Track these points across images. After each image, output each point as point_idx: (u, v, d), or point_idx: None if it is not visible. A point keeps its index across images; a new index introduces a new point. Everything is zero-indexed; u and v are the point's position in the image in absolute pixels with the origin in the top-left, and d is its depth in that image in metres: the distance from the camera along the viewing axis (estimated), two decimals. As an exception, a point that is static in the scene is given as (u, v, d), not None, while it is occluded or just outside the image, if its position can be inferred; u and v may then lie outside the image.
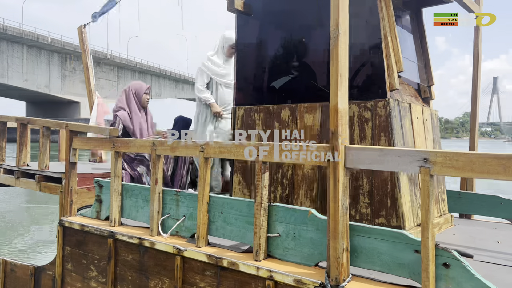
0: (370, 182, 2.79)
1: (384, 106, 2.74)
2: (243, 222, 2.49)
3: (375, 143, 2.78)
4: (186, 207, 2.78)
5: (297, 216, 2.26)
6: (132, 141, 3.00)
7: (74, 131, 3.40)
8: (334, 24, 1.99)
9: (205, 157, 2.59)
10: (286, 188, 3.17)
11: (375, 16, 2.82)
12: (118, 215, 3.13)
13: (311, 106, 3.06)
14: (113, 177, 3.10)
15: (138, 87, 4.01)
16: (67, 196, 3.40)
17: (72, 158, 3.40)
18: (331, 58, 2.01)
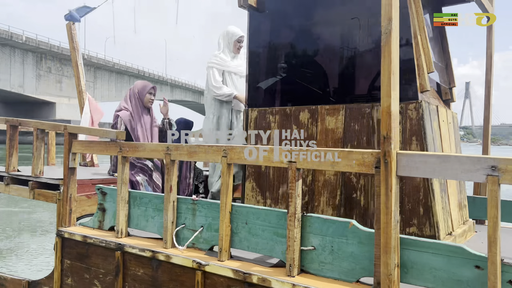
0: (400, 188, 2.63)
1: (416, 109, 2.59)
2: (271, 233, 2.29)
3: (406, 147, 2.62)
4: (204, 217, 2.56)
5: (336, 228, 2.08)
6: (142, 145, 2.76)
7: (73, 133, 3.13)
8: (386, 19, 1.81)
9: (229, 162, 2.38)
10: (305, 195, 2.99)
11: (404, 13, 2.66)
12: (125, 225, 2.89)
13: (334, 108, 2.89)
14: (120, 184, 2.85)
15: (141, 86, 3.77)
16: (66, 205, 3.13)
17: (72, 163, 3.13)
18: (383, 55, 1.83)
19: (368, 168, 1.91)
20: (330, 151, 2.02)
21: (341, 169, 1.99)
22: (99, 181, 3.48)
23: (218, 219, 2.49)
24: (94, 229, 3.09)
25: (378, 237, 1.87)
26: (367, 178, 2.75)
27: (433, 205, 2.52)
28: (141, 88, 3.74)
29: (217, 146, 2.42)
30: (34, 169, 3.44)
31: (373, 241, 1.95)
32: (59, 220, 3.20)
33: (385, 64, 1.82)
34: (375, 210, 1.88)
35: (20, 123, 3.59)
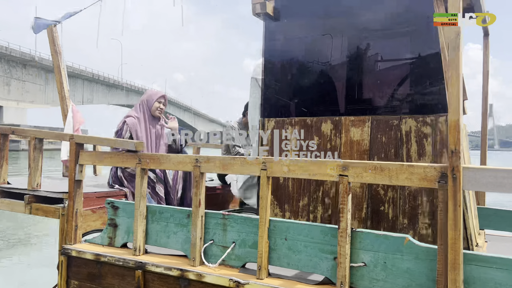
0: (430, 201, 2.63)
1: (446, 121, 2.60)
2: (315, 250, 2.20)
3: (436, 160, 2.62)
4: (237, 232, 2.44)
5: (389, 244, 2.03)
6: (166, 156, 2.60)
7: (80, 143, 2.92)
8: (453, 33, 1.79)
9: (269, 176, 2.28)
10: (328, 207, 2.93)
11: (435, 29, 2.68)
12: (143, 241, 2.70)
13: (359, 119, 2.86)
14: (138, 197, 2.68)
15: (149, 94, 3.60)
16: (72, 220, 2.90)
17: (78, 175, 2.91)
18: (451, 68, 1.81)
19: (430, 182, 1.88)
20: (387, 165, 1.97)
21: (400, 183, 1.94)
22: (104, 194, 3.26)
23: (252, 235, 2.38)
24: (104, 247, 2.88)
25: (442, 253, 1.84)
26: (395, 191, 2.73)
27: (466, 218, 2.52)
28: (149, 96, 3.57)
29: (255, 158, 2.32)
30: (31, 181, 3.17)
31: (431, 257, 1.92)
32: (63, 237, 2.95)
33: (453, 79, 1.79)
34: (439, 226, 1.85)
35: (14, 131, 3.31)
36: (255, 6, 3.26)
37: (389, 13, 2.88)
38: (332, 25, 3.10)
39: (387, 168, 1.96)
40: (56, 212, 3.02)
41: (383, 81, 2.89)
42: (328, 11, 3.10)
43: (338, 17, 3.08)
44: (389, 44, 2.96)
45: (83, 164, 2.92)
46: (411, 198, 2.68)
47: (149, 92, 3.64)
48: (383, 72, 2.90)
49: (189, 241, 2.57)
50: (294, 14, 3.22)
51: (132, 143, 2.67)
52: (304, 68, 3.20)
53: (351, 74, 3.04)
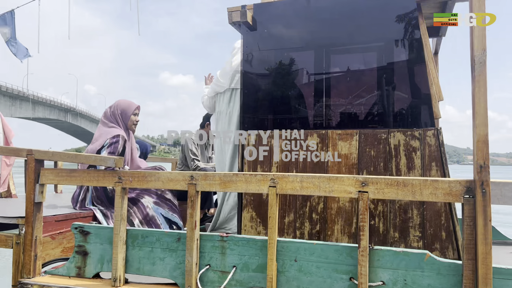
0: (421, 214, 2.66)
1: (435, 135, 2.66)
2: (329, 270, 2.09)
3: (425, 173, 2.67)
4: (238, 256, 2.24)
5: (409, 261, 1.98)
6: (153, 174, 2.32)
7: (40, 160, 2.53)
8: (480, 49, 1.81)
9: (279, 193, 2.13)
10: (316, 223, 2.85)
11: (419, 43, 2.75)
12: (123, 270, 2.39)
13: (346, 133, 2.83)
14: (118, 220, 2.36)
15: (125, 106, 3.25)
16: (30, 249, 2.48)
17: (38, 197, 2.51)
18: (477, 85, 1.81)
19: (455, 197, 1.87)
20: (411, 180, 1.93)
21: (424, 198, 1.91)
22: (63, 216, 2.85)
23: (256, 257, 2.21)
24: (71, 278, 2.50)
25: (468, 268, 1.82)
26: (385, 205, 2.73)
27: (456, 230, 2.59)
28: (124, 107, 3.22)
29: (262, 174, 2.15)
30: (-27, 205, 2.67)
31: (453, 272, 1.91)
32: (18, 269, 2.52)
33: (480, 94, 1.80)
34: (465, 240, 1.84)
35: (-51, 146, 2.78)
36: (231, 14, 3.12)
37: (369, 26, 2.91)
38: (312, 37, 3.06)
39: (410, 184, 1.92)
40: (8, 240, 2.57)
41: (369, 96, 2.89)
42: (308, 23, 3.06)
43: (318, 30, 3.04)
44: (371, 57, 2.98)
45: (44, 183, 2.53)
46: (402, 212, 2.69)
47: (122, 103, 3.29)
48: (369, 86, 2.91)
49: (179, 267, 2.32)
50: (274, 24, 3.13)
51: (111, 160, 2.36)
52: (284, 79, 3.11)
53: (337, 88, 3.01)
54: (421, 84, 2.73)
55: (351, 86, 2.95)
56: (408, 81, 2.78)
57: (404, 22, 2.78)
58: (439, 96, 2.80)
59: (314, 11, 2.99)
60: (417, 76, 2.75)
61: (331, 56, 3.02)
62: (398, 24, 2.81)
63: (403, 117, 2.78)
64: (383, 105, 2.85)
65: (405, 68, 2.80)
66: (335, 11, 2.93)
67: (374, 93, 2.87)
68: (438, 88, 2.81)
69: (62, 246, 2.79)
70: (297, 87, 3.06)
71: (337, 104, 2.96)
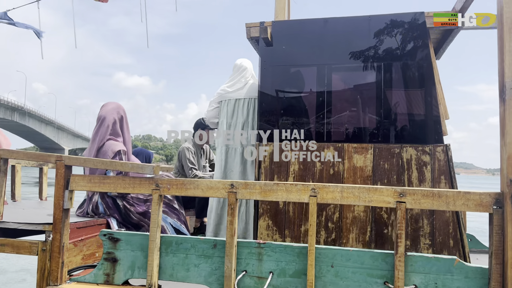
0: (431, 223, 2.88)
1: (444, 151, 2.90)
2: (364, 275, 2.24)
3: (435, 185, 2.89)
4: (275, 262, 2.34)
5: (440, 266, 2.17)
6: (192, 182, 2.38)
7: (69, 166, 2.52)
8: (510, 76, 2.04)
9: (319, 202, 2.25)
10: (332, 232, 3.00)
11: (429, 62, 2.99)
12: (157, 277, 2.42)
13: (362, 146, 3.01)
14: (154, 227, 2.40)
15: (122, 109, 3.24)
16: (58, 256, 2.46)
17: (67, 203, 2.50)
18: (507, 108, 2.03)
19: (485, 208, 2.08)
20: (445, 192, 2.12)
21: (457, 208, 2.11)
22: (83, 223, 2.83)
23: (293, 263, 2.32)
24: (99, 285, 2.49)
25: (497, 272, 2.03)
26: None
27: (464, 238, 2.82)
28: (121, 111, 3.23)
29: (303, 184, 2.28)
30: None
31: (480, 276, 2.11)
32: (43, 276, 2.48)
33: (510, 116, 2.02)
34: (494, 247, 2.05)
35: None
36: (250, 30, 3.25)
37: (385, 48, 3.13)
38: (329, 55, 3.23)
39: (444, 195, 2.11)
40: (33, 247, 2.52)
41: (384, 111, 3.09)
42: (325, 42, 3.23)
43: (334, 49, 3.23)
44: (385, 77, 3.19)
45: (73, 190, 2.52)
46: (413, 221, 2.90)
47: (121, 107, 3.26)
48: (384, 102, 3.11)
49: (214, 273, 2.39)
50: (292, 41, 3.28)
51: (149, 167, 2.39)
52: (301, 93, 3.26)
53: (349, 103, 3.20)
54: (431, 104, 2.97)
55: (367, 102, 3.14)
56: (420, 100, 3.01)
57: (418, 46, 3.01)
58: (445, 115, 3.05)
59: (332, 31, 3.17)
60: (428, 96, 2.99)
61: (346, 74, 3.21)
62: (412, 47, 3.04)
63: (415, 134, 3.00)
64: (397, 121, 3.06)
65: (417, 88, 3.03)
66: (352, 32, 3.13)
67: (388, 110, 3.07)
68: (445, 108, 3.06)
69: (82, 253, 2.77)
70: (314, 101, 3.21)
71: (353, 119, 3.14)
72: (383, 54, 3.10)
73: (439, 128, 2.95)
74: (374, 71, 3.11)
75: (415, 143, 2.96)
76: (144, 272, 2.45)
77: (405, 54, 3.05)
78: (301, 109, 3.24)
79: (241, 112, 3.54)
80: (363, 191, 2.21)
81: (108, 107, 3.23)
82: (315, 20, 3.22)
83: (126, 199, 3.19)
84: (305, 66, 3.28)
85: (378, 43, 3.10)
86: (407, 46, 3.05)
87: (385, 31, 3.10)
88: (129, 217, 3.16)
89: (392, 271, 2.18)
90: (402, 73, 3.06)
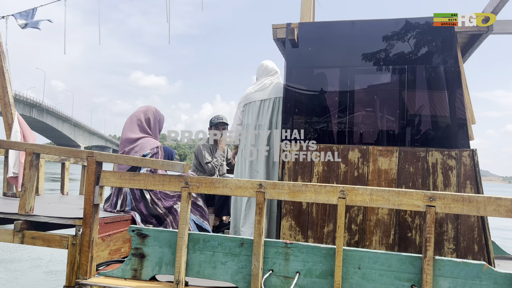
0: (455, 228, 2.87)
1: (470, 156, 2.89)
2: (391, 278, 2.25)
3: (460, 190, 2.88)
4: (302, 262, 2.36)
5: (469, 271, 2.16)
6: (221, 180, 2.42)
7: (99, 162, 2.57)
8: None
9: (348, 204, 2.27)
10: (355, 234, 3.01)
11: (456, 65, 2.98)
12: (184, 273, 2.46)
13: (387, 149, 3.01)
14: (183, 224, 2.43)
15: (158, 113, 3.34)
16: (87, 250, 2.51)
17: (97, 199, 2.55)
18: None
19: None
20: (476, 197, 2.12)
21: (488, 214, 2.10)
22: (110, 219, 2.88)
23: (320, 264, 2.33)
24: (127, 280, 2.54)
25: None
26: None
27: (489, 243, 2.81)
28: (160, 116, 3.33)
29: (332, 186, 2.29)
30: (24, 204, 2.67)
31: (509, 282, 2.10)
32: (72, 270, 2.53)
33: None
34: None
35: (1, 144, 2.75)
36: (276, 31, 3.27)
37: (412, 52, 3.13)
38: (357, 58, 3.24)
39: (475, 200, 2.11)
40: (63, 241, 2.58)
41: (408, 114, 3.09)
42: (353, 44, 3.24)
43: (361, 51, 3.23)
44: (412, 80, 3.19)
45: (103, 185, 2.57)
46: (437, 225, 2.89)
47: (157, 111, 3.40)
48: (409, 106, 3.11)
49: (241, 271, 2.42)
50: (319, 42, 3.30)
51: (180, 165, 2.43)
52: (326, 95, 3.28)
53: (374, 105, 3.20)
54: (458, 108, 2.96)
55: (392, 106, 3.14)
56: (446, 104, 3.01)
57: (445, 49, 3.01)
58: (472, 120, 3.04)
59: (359, 34, 3.18)
60: (455, 100, 2.98)
61: (372, 77, 3.21)
62: (440, 50, 3.04)
63: (441, 138, 3.00)
64: (423, 125, 3.06)
65: (444, 92, 3.02)
66: (379, 35, 3.13)
67: (414, 113, 3.07)
68: (471, 112, 3.05)
69: (109, 248, 2.82)
70: (339, 103, 3.23)
71: (378, 122, 3.14)
72: (410, 57, 3.10)
73: (466, 133, 2.94)
74: (400, 74, 3.11)
75: (441, 147, 2.96)
76: (171, 269, 2.49)
77: (432, 58, 3.05)
78: (325, 110, 3.25)
79: (266, 113, 3.57)
80: (392, 194, 2.21)
81: (140, 109, 3.37)
82: (343, 22, 3.23)
83: (154, 192, 3.25)
84: (331, 67, 3.29)
85: (405, 46, 3.10)
86: (434, 49, 3.05)
87: (413, 34, 3.10)
88: (154, 209, 3.21)
89: (420, 274, 2.19)
90: (429, 77, 3.06)
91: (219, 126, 4.78)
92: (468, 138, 2.94)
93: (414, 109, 3.09)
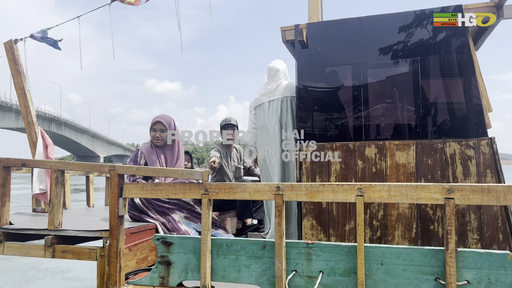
0: (478, 218, 2.85)
1: (488, 144, 2.86)
2: (414, 272, 2.25)
3: (481, 180, 2.86)
4: (324, 261, 2.39)
5: (493, 261, 2.15)
6: (240, 186, 2.46)
7: (122, 174, 2.64)
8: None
9: (367, 202, 2.29)
10: (377, 229, 3.01)
11: (468, 54, 2.96)
12: (210, 278, 2.51)
13: (404, 143, 3.01)
14: (205, 230, 2.49)
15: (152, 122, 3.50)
16: (116, 261, 2.59)
17: (121, 210, 2.62)
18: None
19: (538, 201, 2.05)
20: (495, 187, 2.11)
21: (508, 203, 2.09)
22: (136, 229, 2.96)
23: (343, 263, 2.35)
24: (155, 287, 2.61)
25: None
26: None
27: None
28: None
29: (349, 184, 2.31)
30: (53, 220, 2.77)
31: (534, 270, 2.09)
32: (103, 280, 2.62)
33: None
34: (548, 240, 2.02)
35: (24, 163, 2.87)
36: (285, 33, 3.30)
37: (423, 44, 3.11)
38: (368, 54, 3.25)
39: (494, 190, 2.10)
40: (92, 253, 2.67)
41: (424, 107, 3.08)
42: (362, 41, 3.24)
43: (371, 47, 3.24)
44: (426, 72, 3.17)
45: (127, 197, 2.65)
46: (460, 216, 2.88)
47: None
48: (423, 97, 3.10)
49: (265, 273, 2.46)
50: (327, 41, 3.31)
51: (198, 173, 2.49)
52: (339, 93, 3.29)
53: (388, 100, 3.20)
54: (473, 96, 2.94)
55: (406, 99, 3.13)
56: (461, 93, 2.98)
57: (456, 38, 2.99)
58: (488, 108, 3.01)
59: (367, 29, 3.18)
60: (469, 88, 2.96)
61: (384, 71, 3.21)
62: (451, 40, 3.02)
63: (458, 128, 2.98)
64: (439, 116, 3.05)
65: (458, 82, 3.00)
66: (388, 29, 3.13)
67: (429, 105, 3.06)
68: (487, 100, 3.02)
69: (136, 257, 2.89)
70: (353, 100, 3.24)
71: (394, 116, 3.14)
72: (421, 49, 3.09)
73: (483, 121, 2.91)
74: (412, 66, 3.11)
75: (458, 137, 2.94)
76: (197, 274, 2.55)
77: (444, 48, 3.03)
78: (339, 108, 3.27)
79: (274, 113, 3.61)
80: (410, 189, 2.22)
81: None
82: (350, 20, 3.24)
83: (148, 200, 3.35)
84: (342, 65, 3.30)
85: (415, 38, 3.09)
86: (445, 39, 3.03)
87: (422, 26, 3.08)
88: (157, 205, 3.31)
89: (443, 267, 2.19)
90: (441, 67, 3.05)
91: (228, 128, 4.82)
92: (485, 127, 2.91)
93: (428, 101, 3.08)
